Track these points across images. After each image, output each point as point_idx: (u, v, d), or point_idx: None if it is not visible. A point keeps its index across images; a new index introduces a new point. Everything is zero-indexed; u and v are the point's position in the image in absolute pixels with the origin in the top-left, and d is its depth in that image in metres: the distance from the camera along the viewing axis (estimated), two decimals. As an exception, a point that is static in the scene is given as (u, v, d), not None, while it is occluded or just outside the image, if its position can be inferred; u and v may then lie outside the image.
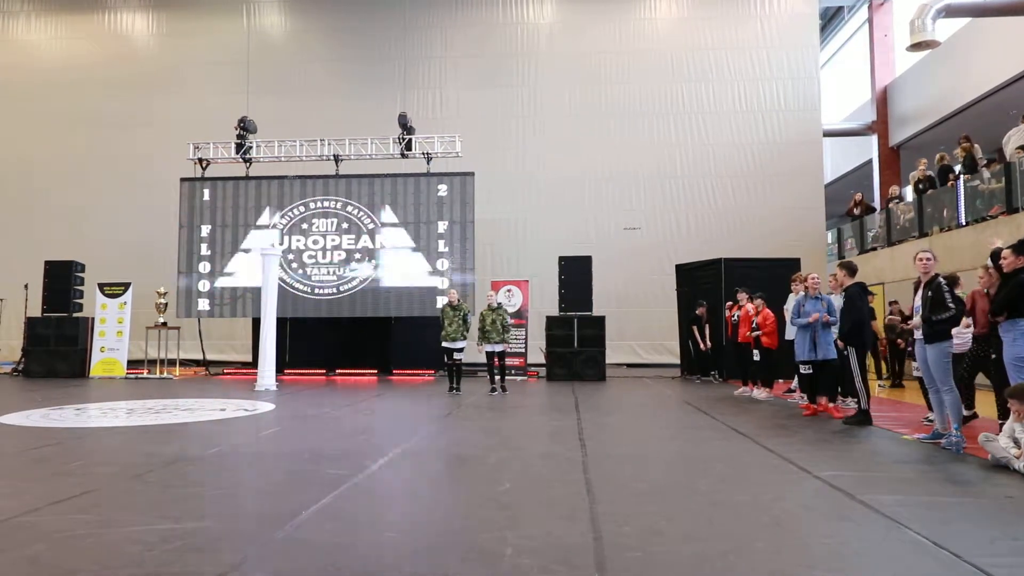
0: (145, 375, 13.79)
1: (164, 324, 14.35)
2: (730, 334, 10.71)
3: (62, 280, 14.03)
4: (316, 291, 14.36)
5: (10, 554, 2.98)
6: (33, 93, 19.19)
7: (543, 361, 14.16)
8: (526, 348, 13.93)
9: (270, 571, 2.82)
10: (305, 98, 18.35)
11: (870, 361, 10.48)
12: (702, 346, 12.70)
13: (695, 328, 12.83)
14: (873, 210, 17.61)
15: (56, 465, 4.89)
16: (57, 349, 13.76)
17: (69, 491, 4.04)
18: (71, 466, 4.86)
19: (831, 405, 7.74)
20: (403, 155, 14.69)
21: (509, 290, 13.82)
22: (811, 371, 7.84)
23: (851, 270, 7.32)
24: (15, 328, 16.97)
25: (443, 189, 14.25)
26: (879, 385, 11.40)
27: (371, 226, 14.39)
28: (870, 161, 20.00)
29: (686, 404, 9.10)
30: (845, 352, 7.12)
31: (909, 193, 16.78)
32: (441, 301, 12.15)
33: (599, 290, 14.42)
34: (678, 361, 14.57)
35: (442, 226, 14.19)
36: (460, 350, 10.41)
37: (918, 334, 5.88)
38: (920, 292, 5.88)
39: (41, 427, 6.83)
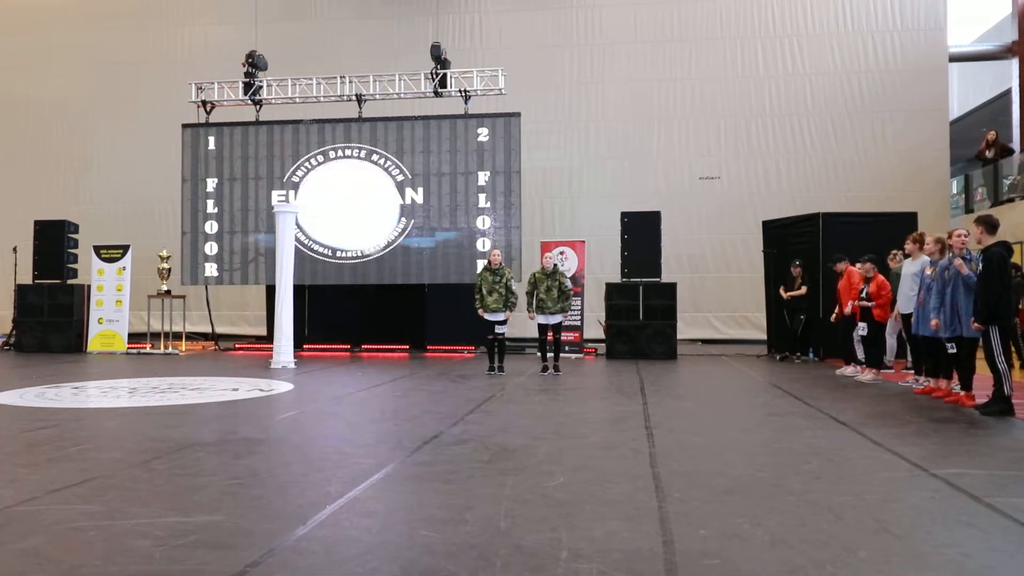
0: (148, 350, 14.30)
1: (168, 292, 14.77)
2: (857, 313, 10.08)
3: (54, 242, 14.56)
4: (338, 254, 14.58)
5: (8, 547, 3.15)
6: (15, 27, 19.74)
7: (602, 336, 14.15)
8: (582, 321, 13.93)
9: (291, 571, 2.92)
10: (322, 29, 18.42)
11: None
12: (784, 293, 12.58)
13: (783, 291, 12.64)
14: (1012, 152, 16.88)
15: (53, 450, 5.13)
16: (51, 320, 14.36)
17: (68, 479, 4.25)
18: (70, 451, 5.10)
19: (962, 392, 7.47)
20: (436, 93, 14.64)
21: (562, 252, 13.77)
22: (955, 350, 7.45)
23: (991, 226, 6.89)
24: (4, 297, 17.77)
25: (484, 133, 14.20)
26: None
27: (400, 178, 14.47)
28: (1008, 91, 19.09)
29: (774, 387, 9.01)
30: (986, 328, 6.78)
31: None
32: (482, 265, 12.19)
33: (669, 252, 14.27)
34: (764, 336, 14.37)
35: (483, 177, 14.18)
36: (503, 323, 10.45)
37: None
38: None
39: (36, 407, 7.16)
